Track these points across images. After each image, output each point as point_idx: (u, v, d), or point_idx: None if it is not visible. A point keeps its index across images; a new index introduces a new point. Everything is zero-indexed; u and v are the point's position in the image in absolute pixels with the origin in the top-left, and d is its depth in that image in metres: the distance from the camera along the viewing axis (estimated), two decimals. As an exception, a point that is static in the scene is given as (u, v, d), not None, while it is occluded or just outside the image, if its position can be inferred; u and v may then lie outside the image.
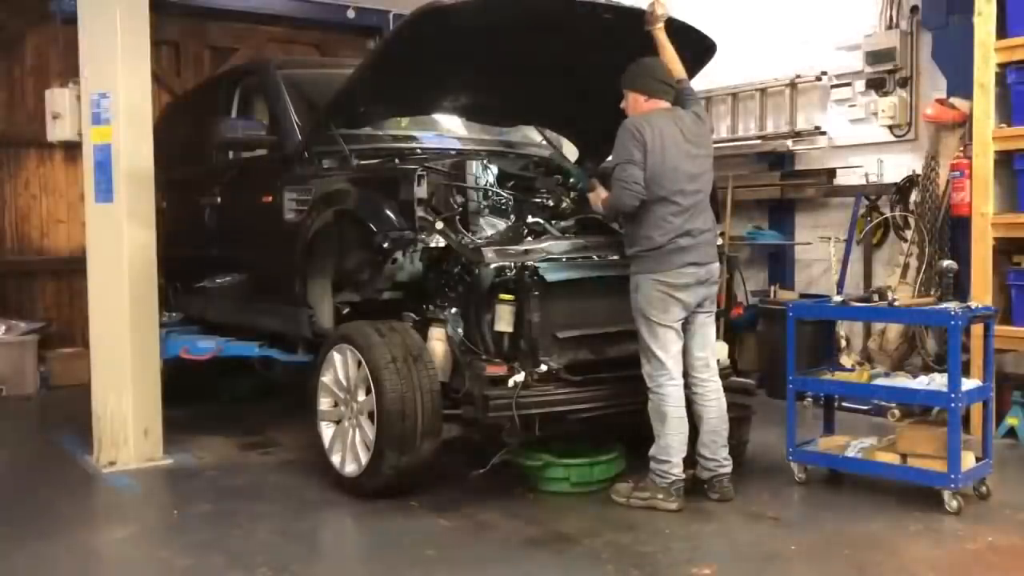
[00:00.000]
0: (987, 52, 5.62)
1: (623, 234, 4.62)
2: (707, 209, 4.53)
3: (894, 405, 6.09)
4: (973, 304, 4.82)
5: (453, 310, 4.62)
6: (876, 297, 4.78)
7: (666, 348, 4.40)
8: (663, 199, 4.35)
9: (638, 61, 4.56)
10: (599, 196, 4.62)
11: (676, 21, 4.73)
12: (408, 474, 4.46)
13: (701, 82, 4.80)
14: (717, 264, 4.58)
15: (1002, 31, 5.62)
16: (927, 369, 5.84)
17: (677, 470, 4.41)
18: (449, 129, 6.07)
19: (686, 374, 4.52)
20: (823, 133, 7.24)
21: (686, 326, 4.49)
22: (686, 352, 4.51)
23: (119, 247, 5.30)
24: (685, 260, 4.37)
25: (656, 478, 4.42)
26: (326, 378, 4.77)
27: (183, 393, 6.37)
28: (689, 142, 4.44)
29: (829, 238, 6.76)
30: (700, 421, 4.54)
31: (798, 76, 7.33)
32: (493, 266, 4.46)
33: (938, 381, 4.55)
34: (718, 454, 4.54)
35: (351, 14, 9.26)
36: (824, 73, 7.18)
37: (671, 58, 4.62)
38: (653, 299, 4.36)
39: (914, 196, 6.48)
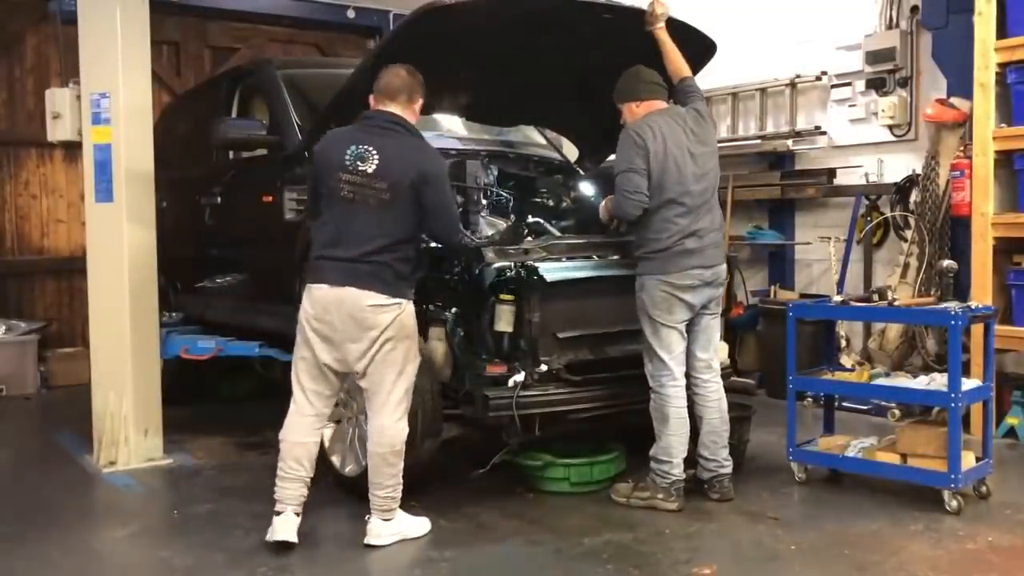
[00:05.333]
0: (987, 52, 5.62)
1: (628, 236, 4.60)
2: (714, 208, 4.51)
3: (894, 405, 6.10)
4: (973, 304, 4.82)
5: (453, 310, 4.62)
6: (876, 297, 4.78)
7: (669, 349, 4.40)
8: (669, 201, 4.34)
9: (622, 75, 4.55)
10: (606, 206, 4.66)
11: (676, 21, 4.73)
12: (408, 474, 4.46)
13: (701, 82, 4.79)
14: (724, 265, 4.56)
15: (1002, 31, 5.62)
16: (927, 369, 5.84)
17: (677, 470, 4.41)
18: (449, 129, 6.07)
19: (688, 375, 4.51)
20: (823, 133, 7.24)
21: (690, 327, 4.49)
22: (689, 353, 4.51)
23: (119, 247, 5.30)
24: (691, 263, 4.35)
25: (656, 478, 4.42)
26: (326, 378, 4.76)
27: (183, 393, 6.38)
28: (692, 140, 4.42)
29: (829, 238, 6.77)
30: (700, 422, 4.54)
31: (798, 76, 7.33)
32: (493, 266, 4.46)
33: (938, 381, 4.56)
34: (718, 455, 4.54)
35: (351, 14, 9.26)
36: (824, 73, 7.18)
37: (673, 56, 4.60)
38: (657, 300, 4.36)
39: (914, 196, 6.48)
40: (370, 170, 3.81)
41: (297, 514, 3.99)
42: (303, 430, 3.99)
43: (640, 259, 4.44)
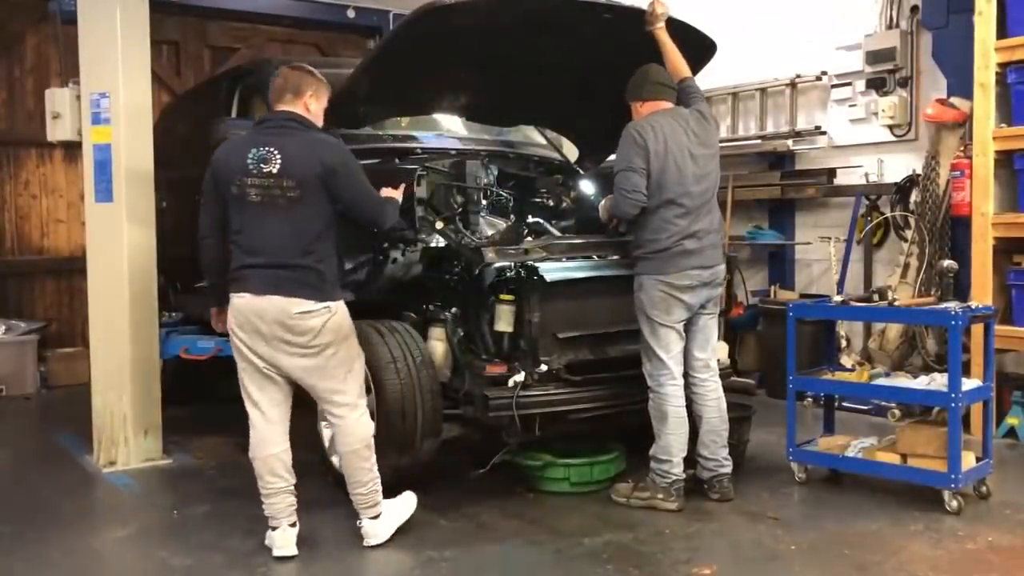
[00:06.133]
0: (987, 52, 5.62)
1: (628, 236, 4.60)
2: (713, 209, 4.50)
3: (894, 405, 6.09)
4: (973, 304, 4.82)
5: (453, 310, 4.62)
6: (876, 297, 4.78)
7: (667, 348, 4.40)
8: (669, 201, 4.33)
9: (635, 73, 4.54)
10: (605, 206, 4.66)
11: (676, 21, 4.72)
12: (408, 474, 4.46)
13: (701, 82, 4.79)
14: (723, 266, 4.55)
15: (1002, 31, 5.62)
16: (927, 369, 5.84)
17: (677, 470, 4.41)
18: (449, 129, 6.07)
19: (686, 374, 4.52)
20: (823, 133, 7.24)
21: (688, 327, 4.49)
22: (686, 352, 4.51)
23: (119, 247, 5.30)
24: (689, 263, 4.34)
25: (656, 478, 4.42)
26: (326, 378, 4.76)
27: (183, 393, 6.38)
28: (693, 141, 4.41)
29: (829, 238, 6.76)
30: (699, 421, 4.54)
31: (798, 76, 7.33)
32: (493, 266, 4.45)
33: (938, 381, 4.55)
34: (718, 454, 4.54)
35: (351, 14, 9.27)
36: (824, 73, 7.18)
37: (673, 57, 4.59)
38: (656, 300, 4.35)
39: (914, 196, 6.48)
40: (275, 170, 3.75)
41: (293, 524, 3.94)
42: (269, 442, 3.90)
43: (638, 259, 4.43)
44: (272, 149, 3.77)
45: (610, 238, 4.94)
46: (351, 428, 3.94)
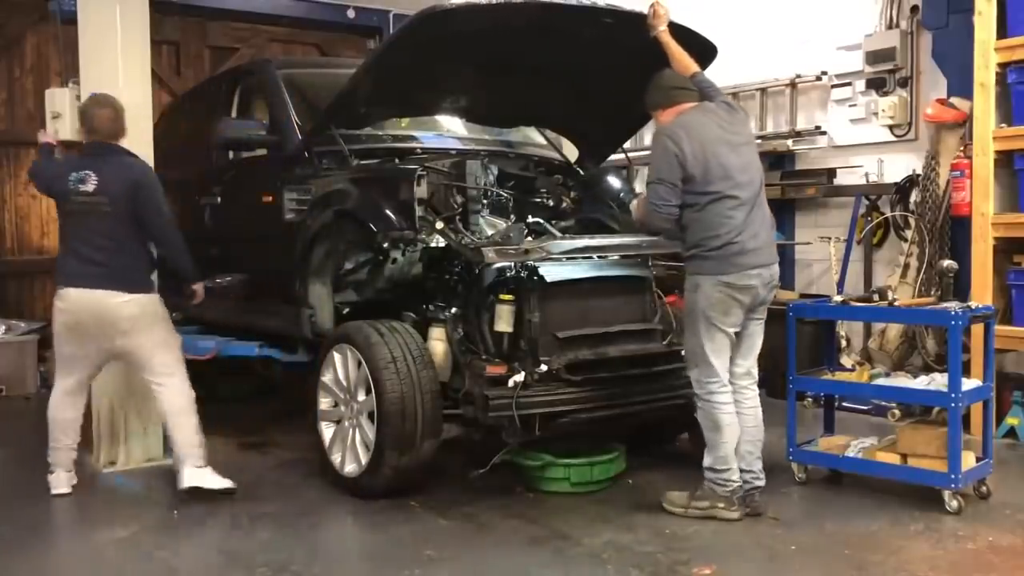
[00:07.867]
0: (987, 52, 5.62)
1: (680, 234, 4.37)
2: (763, 203, 4.30)
3: (894, 405, 6.10)
4: (973, 304, 4.81)
5: (453, 310, 4.62)
6: (876, 297, 4.77)
7: (719, 353, 4.22)
8: (721, 197, 4.13)
9: (650, 82, 4.39)
10: (639, 208, 4.48)
11: (676, 24, 4.69)
12: (408, 474, 4.46)
13: (701, 82, 4.78)
14: (778, 265, 4.35)
15: (1002, 31, 5.62)
16: (927, 369, 5.84)
17: (736, 476, 4.26)
18: (449, 129, 6.07)
19: None
20: (823, 133, 7.24)
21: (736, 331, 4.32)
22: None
23: (119, 247, 5.30)
24: (751, 262, 4.14)
25: (715, 487, 4.25)
26: (326, 378, 4.77)
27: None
28: (728, 131, 4.23)
29: (829, 238, 6.77)
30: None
31: (798, 76, 7.33)
32: (493, 266, 4.45)
33: (938, 381, 4.55)
34: (753, 466, 4.35)
35: (351, 14, 9.28)
36: (824, 73, 7.18)
37: (679, 56, 4.45)
38: (714, 301, 4.15)
39: (914, 196, 6.48)
40: (91, 189, 4.57)
41: (69, 471, 4.78)
42: (70, 407, 4.76)
43: (694, 258, 4.23)
44: (90, 172, 4.61)
45: (608, 238, 4.93)
46: (178, 388, 4.72)
